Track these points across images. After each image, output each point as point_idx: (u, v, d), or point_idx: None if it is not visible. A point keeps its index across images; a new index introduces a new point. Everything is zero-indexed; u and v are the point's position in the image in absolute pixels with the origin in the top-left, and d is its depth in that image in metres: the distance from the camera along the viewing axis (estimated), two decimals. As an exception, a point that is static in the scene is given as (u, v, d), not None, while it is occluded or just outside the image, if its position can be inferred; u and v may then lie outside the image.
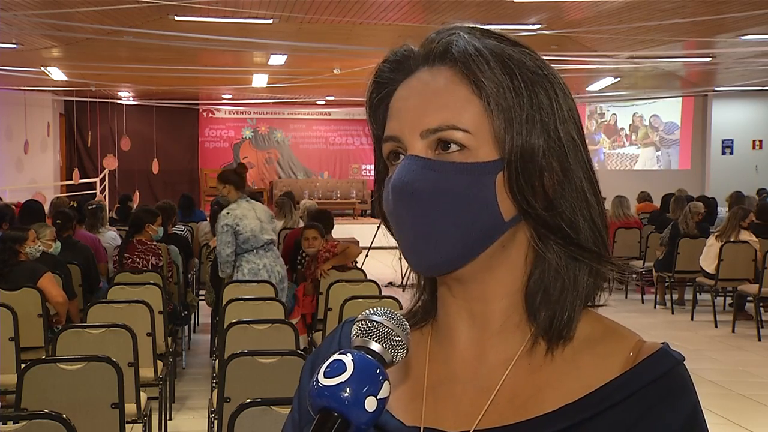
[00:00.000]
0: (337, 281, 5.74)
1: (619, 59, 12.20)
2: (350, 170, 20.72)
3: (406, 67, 0.88)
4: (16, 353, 4.63)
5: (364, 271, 6.64)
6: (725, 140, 18.49)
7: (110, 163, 16.63)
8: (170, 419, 5.32)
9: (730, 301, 9.37)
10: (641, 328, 7.86)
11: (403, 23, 9.49)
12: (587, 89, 16.07)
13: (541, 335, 0.84)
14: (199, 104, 19.56)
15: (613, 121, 19.80)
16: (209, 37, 9.57)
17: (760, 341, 7.84)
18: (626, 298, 10.27)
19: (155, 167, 17.30)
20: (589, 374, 0.82)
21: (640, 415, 0.79)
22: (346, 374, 0.74)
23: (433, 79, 0.84)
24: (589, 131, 19.44)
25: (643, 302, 10.01)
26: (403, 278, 0.96)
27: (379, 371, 0.75)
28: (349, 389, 0.73)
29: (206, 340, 7.63)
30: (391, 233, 0.89)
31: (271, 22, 9.43)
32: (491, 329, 0.86)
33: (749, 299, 8.39)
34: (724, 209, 11.21)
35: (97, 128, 17.97)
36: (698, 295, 9.39)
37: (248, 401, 2.76)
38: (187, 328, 7.44)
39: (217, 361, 4.66)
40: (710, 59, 12.31)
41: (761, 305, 8.28)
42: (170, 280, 6.70)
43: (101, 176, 17.91)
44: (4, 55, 11.31)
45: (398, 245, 0.86)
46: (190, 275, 8.09)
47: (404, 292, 0.98)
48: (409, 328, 0.81)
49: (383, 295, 5.41)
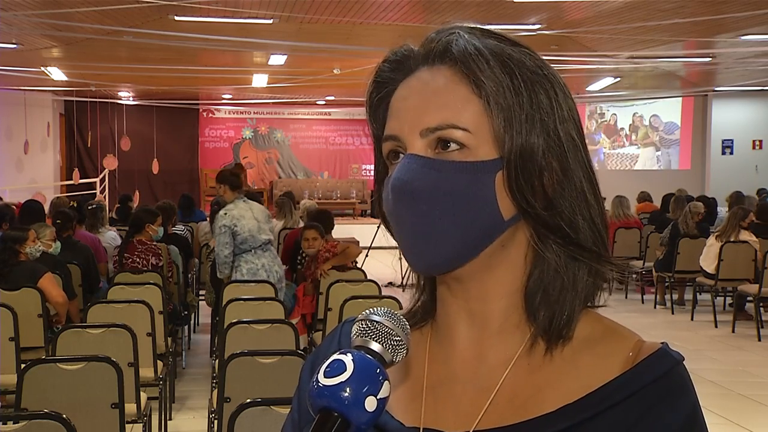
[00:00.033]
0: (337, 281, 5.74)
1: (619, 59, 12.20)
2: (350, 170, 20.72)
3: (406, 66, 0.88)
4: (16, 353, 4.63)
5: (364, 271, 6.64)
6: (725, 140, 18.49)
7: (110, 163, 16.63)
8: (170, 419, 5.32)
9: (730, 301, 9.37)
10: (641, 328, 7.86)
11: (403, 23, 9.49)
12: (587, 89, 16.07)
13: (540, 335, 0.84)
14: (199, 104, 19.56)
15: (613, 121, 19.80)
16: (209, 37, 9.57)
17: (760, 341, 7.84)
18: (626, 298, 10.27)
19: (155, 167, 17.30)
20: (588, 374, 0.82)
21: (640, 415, 0.79)
22: (346, 374, 0.74)
23: (432, 78, 0.84)
24: (589, 131, 19.43)
25: (643, 302, 10.01)
26: (403, 278, 0.96)
27: (379, 371, 0.75)
28: (349, 389, 0.73)
29: (206, 340, 7.63)
30: (390, 234, 0.89)
31: (271, 22, 9.43)
32: (491, 329, 0.86)
33: (749, 299, 8.39)
34: (724, 209, 11.21)
35: (97, 128, 17.96)
36: (698, 295, 9.39)
37: (248, 401, 2.76)
38: (187, 328, 7.44)
39: (217, 361, 4.66)
40: (710, 59, 12.31)
41: (761, 305, 8.28)
42: (170, 280, 6.70)
43: (101, 176, 17.91)
44: (4, 55, 11.31)
45: (398, 245, 0.86)
46: (190, 275, 8.10)
47: (404, 292, 0.97)
48: (409, 328, 0.80)
49: (383, 295, 5.41)
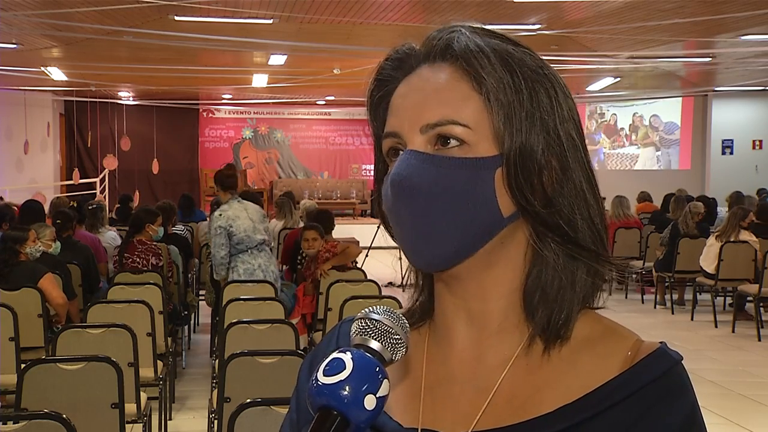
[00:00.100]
0: (337, 281, 5.74)
1: (619, 59, 12.20)
2: (350, 170, 20.72)
3: (407, 64, 0.88)
4: (16, 353, 4.63)
5: (364, 271, 6.64)
6: (725, 140, 18.49)
7: (110, 163, 16.63)
8: (170, 419, 5.32)
9: (730, 301, 9.37)
10: (641, 328, 7.86)
11: (403, 23, 9.49)
12: (587, 89, 16.07)
13: (538, 335, 0.84)
14: (199, 104, 19.56)
15: (613, 121, 19.79)
16: (209, 37, 9.57)
17: (760, 341, 7.84)
18: (626, 298, 10.28)
19: (155, 167, 17.30)
20: (587, 374, 0.82)
21: (639, 415, 0.79)
22: (345, 372, 0.73)
23: (434, 75, 0.84)
24: (589, 131, 19.42)
25: (643, 302, 10.01)
26: (403, 278, 0.96)
27: (378, 369, 0.75)
28: (348, 387, 0.73)
29: (206, 340, 7.63)
30: (389, 233, 0.89)
31: (271, 22, 9.43)
32: (489, 329, 0.86)
33: (749, 299, 8.39)
34: (724, 209, 11.21)
35: (97, 128, 17.97)
36: (698, 295, 9.39)
37: (248, 401, 2.76)
38: (187, 328, 7.44)
39: (217, 361, 4.66)
40: (710, 59, 12.31)
41: (761, 305, 8.28)
42: (170, 280, 6.70)
43: (101, 176, 17.91)
44: (4, 55, 11.31)
45: (397, 241, 0.86)
46: (190, 275, 8.10)
47: (404, 292, 0.97)
48: (408, 326, 0.80)
49: (383, 295, 5.41)
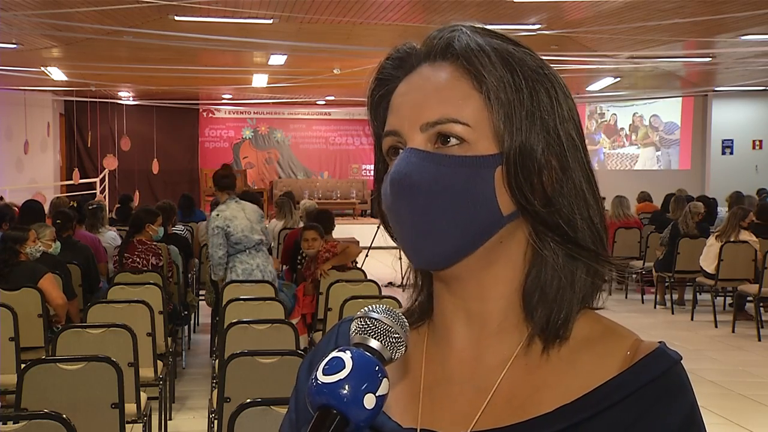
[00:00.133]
0: (337, 281, 5.74)
1: (619, 59, 12.20)
2: (350, 170, 20.72)
3: (408, 64, 0.88)
4: (16, 353, 4.63)
5: (364, 271, 6.64)
6: (725, 140, 18.49)
7: (110, 163, 16.63)
8: (170, 419, 5.32)
9: (730, 301, 9.37)
10: (641, 328, 7.86)
11: (403, 23, 9.50)
12: (587, 89, 16.07)
13: (537, 334, 0.84)
14: (199, 104, 19.56)
15: (613, 121, 19.79)
16: (209, 37, 9.57)
17: (760, 341, 7.84)
18: (626, 298, 10.28)
19: (155, 167, 17.30)
20: (586, 374, 0.82)
21: (638, 415, 0.79)
22: (344, 371, 0.73)
23: (434, 74, 0.84)
24: (589, 131, 19.42)
25: (643, 302, 10.01)
26: (403, 278, 0.96)
27: (377, 368, 0.75)
28: (347, 386, 0.73)
29: (206, 340, 7.63)
30: (389, 233, 0.89)
31: (271, 22, 9.43)
32: (489, 329, 0.86)
33: (749, 299, 8.39)
34: (724, 209, 11.21)
35: (97, 128, 17.97)
36: (698, 295, 9.39)
37: (248, 401, 2.76)
38: (187, 328, 7.44)
39: (217, 361, 4.66)
40: (710, 59, 12.31)
41: (761, 305, 8.28)
42: (170, 280, 6.70)
43: (101, 176, 17.92)
44: (4, 55, 11.31)
45: (396, 240, 0.86)
46: (190, 275, 8.10)
47: (404, 291, 0.97)
48: (408, 325, 0.80)
49: (383, 295, 5.41)
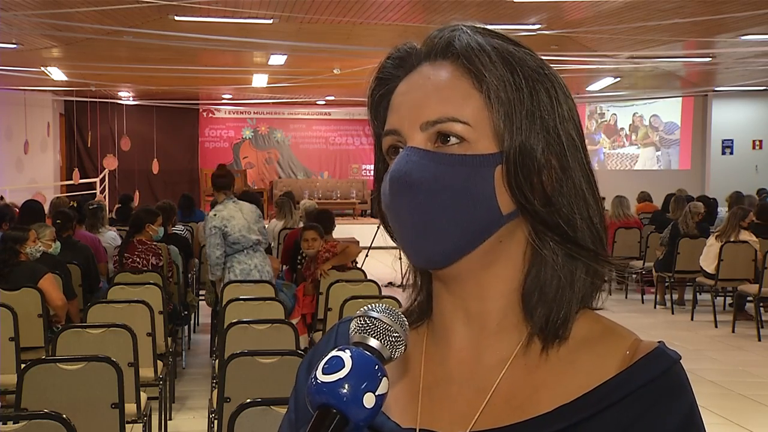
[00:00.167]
0: (337, 281, 5.74)
1: (619, 59, 12.20)
2: (350, 170, 20.72)
3: (408, 63, 0.88)
4: (16, 353, 4.63)
5: (364, 271, 6.64)
6: (725, 140, 18.49)
7: (110, 163, 16.63)
8: (170, 419, 5.32)
9: (730, 301, 9.37)
10: (641, 328, 7.86)
11: (403, 23, 9.50)
12: (587, 89, 16.07)
13: (536, 334, 0.84)
14: (199, 104, 19.56)
15: (613, 121, 19.79)
16: (209, 37, 9.57)
17: (760, 341, 7.84)
18: (626, 298, 10.27)
19: (155, 167, 17.30)
20: (585, 374, 0.82)
21: (637, 415, 0.79)
22: (344, 371, 0.73)
23: (434, 73, 0.84)
24: (589, 131, 19.42)
25: (643, 302, 10.01)
26: (402, 278, 0.95)
27: (377, 367, 0.75)
28: (347, 385, 0.73)
29: (206, 340, 7.63)
30: (388, 233, 0.89)
31: (271, 22, 9.43)
32: (488, 329, 0.86)
33: (749, 299, 8.39)
34: (724, 209, 11.21)
35: (97, 128, 17.97)
36: (698, 295, 9.39)
37: (248, 401, 2.76)
38: (187, 328, 7.44)
39: (217, 361, 4.66)
40: (710, 59, 12.31)
41: (761, 305, 8.28)
42: (170, 280, 6.70)
43: (101, 176, 17.92)
44: (4, 55, 11.31)
45: (396, 239, 0.86)
46: (190, 275, 8.09)
47: (404, 291, 0.97)
48: (407, 324, 0.80)
49: (383, 295, 5.41)
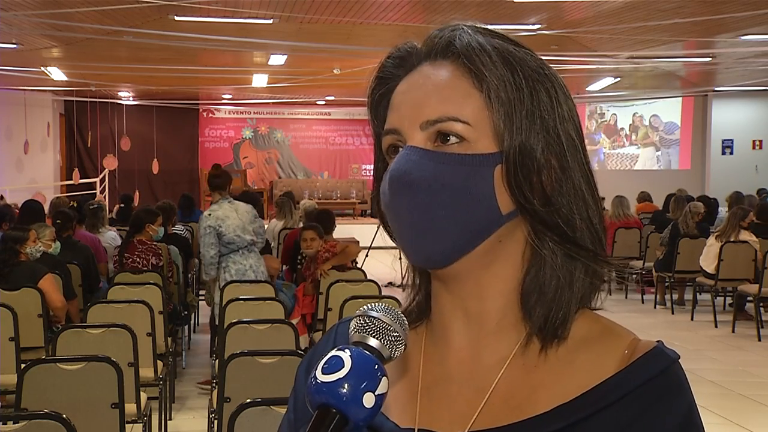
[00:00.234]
0: (337, 281, 5.74)
1: (619, 59, 12.20)
2: (350, 170, 20.72)
3: (408, 62, 0.88)
4: (16, 353, 4.63)
5: (364, 271, 6.65)
6: (725, 140, 18.49)
7: (110, 163, 16.63)
8: (170, 419, 5.32)
9: (730, 301, 9.37)
10: (641, 328, 7.86)
11: (403, 23, 9.50)
12: (587, 89, 16.07)
13: (535, 334, 0.84)
14: (199, 104, 19.57)
15: (613, 121, 19.80)
16: (209, 37, 9.58)
17: (760, 341, 7.84)
18: (626, 298, 10.27)
19: (155, 167, 17.30)
20: (584, 373, 0.82)
21: (635, 414, 0.79)
22: (344, 370, 0.73)
23: (435, 72, 0.85)
24: (589, 131, 19.43)
25: (643, 302, 10.01)
26: (402, 278, 0.95)
27: (377, 367, 0.74)
28: (347, 385, 0.73)
29: (206, 340, 7.62)
30: (387, 232, 0.89)
31: (271, 22, 9.43)
32: (487, 329, 0.86)
33: (749, 299, 8.39)
34: (724, 209, 11.21)
35: (97, 128, 17.97)
36: (698, 295, 9.39)
37: (248, 401, 2.76)
38: (187, 328, 7.44)
39: (217, 361, 4.65)
40: (710, 59, 12.31)
41: (761, 305, 8.28)
42: (170, 280, 6.70)
43: (101, 176, 17.92)
44: (4, 55, 11.31)
45: (395, 239, 0.86)
46: (190, 275, 8.09)
47: (404, 291, 0.96)
48: (407, 323, 0.80)
49: (383, 295, 5.41)
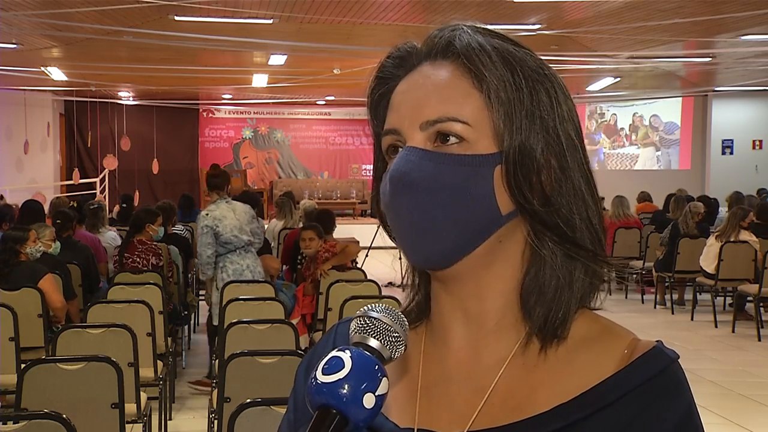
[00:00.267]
0: (337, 281, 5.74)
1: (619, 59, 12.20)
2: (350, 170, 20.72)
3: (408, 62, 0.88)
4: (16, 353, 4.63)
5: (364, 271, 6.64)
6: (725, 140, 18.49)
7: (110, 163, 16.63)
8: (170, 419, 5.32)
9: (730, 301, 9.37)
10: (641, 328, 7.86)
11: (403, 23, 9.50)
12: (587, 89, 16.07)
13: (535, 334, 0.84)
14: (199, 104, 19.56)
15: (613, 121, 19.80)
16: (209, 37, 9.57)
17: (760, 341, 7.84)
18: (626, 298, 10.28)
19: (155, 167, 17.30)
20: (583, 373, 0.82)
21: (635, 414, 0.79)
22: (344, 371, 0.73)
23: (434, 72, 0.84)
24: (589, 131, 19.43)
25: (643, 302, 10.01)
26: (402, 278, 0.95)
27: (377, 368, 0.74)
28: (347, 386, 0.72)
29: (206, 340, 7.62)
30: (387, 232, 0.89)
31: (271, 22, 9.43)
32: (486, 329, 0.86)
33: (749, 299, 8.39)
34: (724, 209, 11.21)
35: (97, 128, 17.97)
36: (698, 295, 9.39)
37: (248, 401, 2.76)
38: (187, 328, 7.44)
39: (217, 361, 4.65)
40: (710, 59, 12.31)
41: (761, 305, 8.28)
42: (170, 280, 6.70)
43: (101, 176, 17.92)
44: (4, 55, 11.31)
45: (395, 239, 0.86)
46: (190, 275, 8.09)
47: (404, 291, 0.96)
48: (407, 324, 0.80)
49: (383, 295, 5.41)
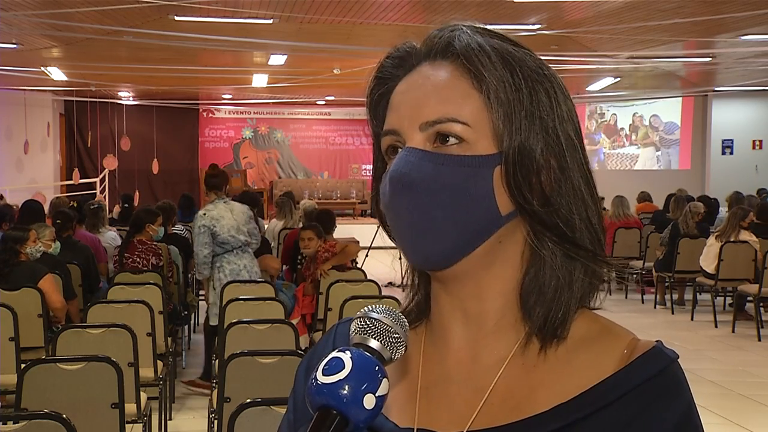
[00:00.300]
0: (337, 281, 5.74)
1: (619, 59, 12.20)
2: (350, 170, 20.73)
3: (408, 63, 0.88)
4: (16, 353, 4.63)
5: (364, 271, 6.64)
6: (725, 140, 18.49)
7: (110, 163, 16.63)
8: (170, 419, 5.32)
9: (730, 301, 9.37)
10: (641, 328, 7.86)
11: (403, 23, 9.50)
12: (587, 89, 16.07)
13: (534, 334, 0.84)
14: (199, 104, 19.57)
15: (613, 121, 19.80)
16: (209, 37, 9.58)
17: (760, 341, 7.84)
18: (626, 298, 10.28)
19: (155, 167, 17.30)
20: (583, 373, 0.82)
21: (634, 414, 0.79)
22: (344, 372, 0.73)
23: (434, 72, 0.85)
24: (589, 131, 19.43)
25: (643, 302, 10.01)
26: (403, 278, 0.95)
27: (377, 368, 0.74)
28: (347, 387, 0.72)
29: (206, 340, 7.63)
30: (387, 233, 0.89)
31: (271, 22, 9.44)
32: (486, 329, 0.86)
33: (749, 299, 8.39)
34: (724, 209, 11.21)
35: (97, 128, 17.97)
36: (698, 295, 9.39)
37: (248, 401, 2.76)
38: (187, 328, 7.44)
39: (217, 361, 4.66)
40: (710, 59, 12.32)
41: (761, 305, 8.28)
42: (170, 280, 6.70)
43: (101, 176, 17.92)
44: (4, 55, 11.31)
45: (395, 239, 0.86)
46: (190, 275, 8.09)
47: (404, 292, 0.97)
48: (407, 325, 0.80)
49: (383, 295, 5.41)
